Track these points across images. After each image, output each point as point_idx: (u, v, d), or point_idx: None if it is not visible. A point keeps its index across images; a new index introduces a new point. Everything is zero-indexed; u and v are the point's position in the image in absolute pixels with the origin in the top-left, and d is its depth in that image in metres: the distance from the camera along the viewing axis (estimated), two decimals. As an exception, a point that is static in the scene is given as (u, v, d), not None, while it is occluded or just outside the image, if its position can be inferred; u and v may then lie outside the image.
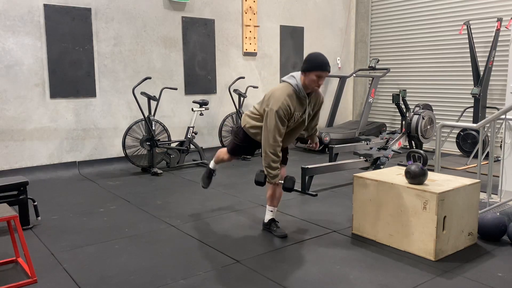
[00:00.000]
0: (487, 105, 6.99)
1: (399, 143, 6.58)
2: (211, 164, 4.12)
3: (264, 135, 3.36)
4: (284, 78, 3.44)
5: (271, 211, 3.74)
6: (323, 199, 4.76)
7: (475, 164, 6.34)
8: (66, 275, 2.97)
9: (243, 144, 3.69)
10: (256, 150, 3.82)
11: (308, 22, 8.44)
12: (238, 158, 3.94)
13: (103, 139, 6.28)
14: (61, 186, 5.36)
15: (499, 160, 4.94)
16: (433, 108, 7.66)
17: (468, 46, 7.07)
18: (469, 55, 7.04)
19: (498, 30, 6.68)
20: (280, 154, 3.41)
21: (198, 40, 7.01)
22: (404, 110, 7.39)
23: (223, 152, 3.91)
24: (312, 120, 3.72)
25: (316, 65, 3.26)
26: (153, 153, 5.99)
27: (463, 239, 3.37)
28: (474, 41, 6.95)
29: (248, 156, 6.88)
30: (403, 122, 7.13)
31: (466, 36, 7.15)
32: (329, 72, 3.32)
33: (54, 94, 5.81)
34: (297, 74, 3.39)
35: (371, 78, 8.23)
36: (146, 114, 6.02)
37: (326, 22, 8.74)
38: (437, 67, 7.87)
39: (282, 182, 3.49)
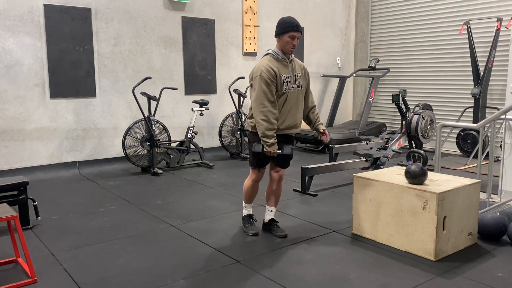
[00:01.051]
0: (487, 105, 6.99)
1: (399, 143, 6.58)
2: (243, 211, 3.83)
3: (253, 105, 3.35)
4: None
5: (271, 211, 3.74)
6: (323, 199, 4.76)
7: (475, 164, 6.34)
8: (66, 275, 2.97)
9: (258, 152, 3.42)
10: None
11: (308, 22, 8.44)
12: (263, 169, 3.64)
13: (103, 139, 6.28)
14: (61, 186, 5.36)
15: (499, 160, 4.94)
16: (433, 108, 7.66)
17: (468, 46, 7.07)
18: (469, 55, 7.04)
19: (498, 30, 6.68)
20: (274, 122, 3.30)
21: (198, 40, 7.01)
22: (404, 110, 7.38)
23: (247, 181, 3.67)
24: (306, 96, 3.62)
25: (287, 26, 3.32)
26: (153, 153, 5.99)
27: (463, 239, 3.37)
28: (474, 41, 6.95)
29: (248, 156, 6.87)
30: (403, 122, 7.13)
31: (466, 36, 7.15)
32: (301, 32, 3.36)
33: (54, 94, 5.81)
34: (272, 47, 3.48)
35: (371, 78, 8.23)
36: (146, 114, 6.02)
37: (326, 22, 8.74)
38: (437, 67, 7.87)
39: (280, 151, 3.37)
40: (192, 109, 6.49)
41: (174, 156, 6.26)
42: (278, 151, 3.36)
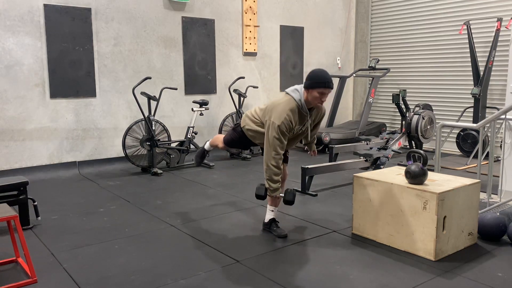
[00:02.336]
0: (487, 105, 6.99)
1: (399, 143, 6.58)
2: (206, 145, 4.14)
3: (265, 148, 3.41)
4: (287, 91, 3.45)
5: (272, 211, 3.74)
6: (323, 199, 4.76)
7: (475, 164, 6.34)
8: (66, 275, 2.97)
9: (239, 140, 3.75)
10: (250, 147, 3.90)
11: (308, 22, 8.44)
12: (230, 149, 4.00)
13: (103, 139, 6.28)
14: (61, 186, 5.36)
15: (499, 160, 4.94)
16: (433, 108, 7.66)
17: (468, 46, 7.07)
18: (469, 55, 7.04)
19: (498, 30, 6.68)
20: (282, 167, 3.47)
21: (198, 40, 7.01)
22: (404, 110, 7.38)
23: (219, 140, 3.95)
24: (312, 130, 3.76)
25: (319, 82, 3.29)
26: (153, 153, 5.99)
27: (463, 239, 3.37)
28: (474, 41, 6.95)
29: (248, 156, 6.89)
30: (403, 122, 7.13)
31: (466, 36, 7.15)
32: (332, 88, 3.35)
33: (54, 94, 5.81)
34: (301, 88, 3.41)
35: (371, 78, 8.23)
36: (146, 114, 6.02)
37: (326, 22, 8.74)
38: (437, 67, 7.87)
39: (283, 195, 3.55)
40: (192, 109, 6.49)
41: (174, 156, 6.26)
42: (281, 194, 3.54)
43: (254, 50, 7.66)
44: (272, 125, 3.34)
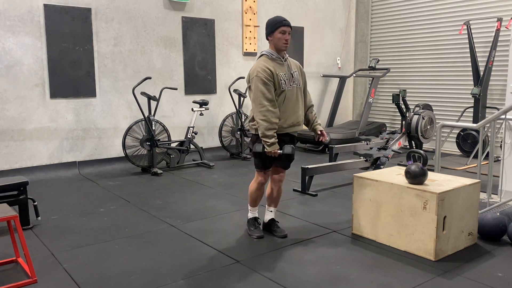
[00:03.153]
0: (487, 105, 6.99)
1: (399, 143, 6.58)
2: (248, 214, 3.76)
3: (252, 106, 3.37)
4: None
5: (271, 211, 3.73)
6: (323, 199, 4.76)
7: (475, 164, 6.34)
8: (66, 275, 2.97)
9: (263, 151, 3.37)
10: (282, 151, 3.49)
11: (308, 22, 8.44)
12: (268, 171, 3.58)
13: (103, 139, 6.28)
14: (61, 186, 5.36)
15: (499, 160, 4.94)
16: (433, 108, 7.66)
17: (468, 46, 7.07)
18: (469, 55, 7.04)
19: (498, 30, 6.68)
20: (275, 121, 3.29)
21: (198, 40, 7.01)
22: (404, 110, 7.38)
23: (252, 184, 3.63)
24: (304, 93, 3.60)
25: (277, 23, 3.36)
26: (153, 153, 5.99)
27: (463, 239, 3.37)
28: (474, 41, 6.95)
29: (248, 156, 6.87)
30: (403, 122, 7.13)
31: (466, 36, 7.15)
32: (290, 27, 3.39)
33: (54, 94, 5.81)
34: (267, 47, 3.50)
35: (371, 78, 8.23)
36: (146, 114, 6.02)
37: (326, 22, 8.74)
38: (437, 67, 7.87)
39: (281, 151, 3.33)
40: (192, 109, 6.49)
41: (174, 156, 6.26)
42: (279, 151, 3.33)
43: (254, 50, 7.66)
44: (251, 81, 3.34)
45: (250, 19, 7.53)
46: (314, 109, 3.71)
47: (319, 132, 3.62)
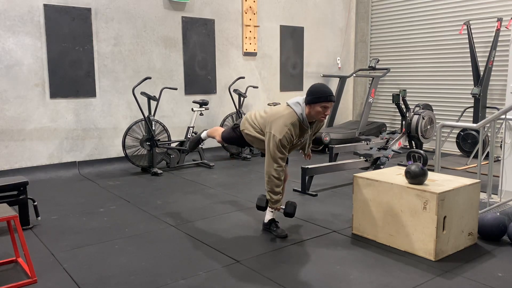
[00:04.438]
0: (487, 105, 6.99)
1: (399, 143, 6.58)
2: (203, 134, 4.12)
3: (267, 160, 3.44)
4: (289, 103, 3.43)
5: (271, 211, 3.73)
6: (323, 199, 4.76)
7: (475, 164, 6.34)
8: (66, 275, 2.97)
9: (236, 140, 3.77)
10: (246, 146, 3.87)
11: (308, 22, 8.44)
12: (226, 144, 4.05)
13: (103, 139, 6.28)
14: (61, 186, 5.36)
15: (499, 160, 4.94)
16: (433, 108, 7.66)
17: (468, 46, 7.07)
18: (469, 55, 7.04)
19: (498, 30, 6.68)
20: (283, 179, 3.51)
21: (198, 40, 7.01)
22: (404, 110, 7.38)
23: (217, 132, 3.95)
24: (309, 139, 3.76)
25: (321, 97, 3.30)
26: (153, 153, 5.99)
27: (463, 239, 3.37)
28: (474, 41, 6.95)
29: (248, 157, 6.89)
30: (403, 122, 7.13)
31: (466, 36, 7.15)
32: (334, 102, 3.36)
33: (54, 94, 5.81)
34: (302, 101, 3.40)
35: (371, 78, 8.23)
36: (146, 114, 6.02)
37: (326, 22, 8.74)
38: (437, 67, 7.87)
39: (284, 208, 3.62)
40: (192, 109, 6.49)
41: (174, 156, 6.26)
42: (282, 207, 3.62)
43: (254, 50, 7.66)
44: (273, 138, 3.35)
45: (250, 19, 7.53)
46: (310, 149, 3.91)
47: (306, 152, 3.83)
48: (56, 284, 2.84)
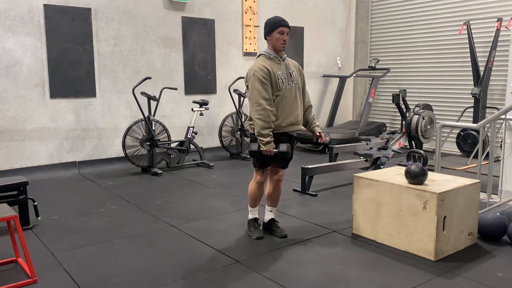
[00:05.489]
0: (487, 105, 6.99)
1: (399, 143, 6.57)
2: (249, 215, 3.75)
3: (249, 105, 3.39)
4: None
5: (271, 211, 3.73)
6: (323, 199, 4.76)
7: (475, 164, 6.34)
8: (66, 275, 2.97)
9: (258, 149, 3.36)
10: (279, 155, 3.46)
11: (308, 22, 8.44)
12: (266, 170, 3.59)
13: (103, 139, 6.28)
14: (61, 186, 5.36)
15: (499, 160, 4.93)
16: (433, 108, 7.66)
17: (468, 46, 7.07)
18: (469, 55, 7.04)
19: (498, 30, 6.68)
20: (271, 119, 3.28)
21: (198, 40, 7.01)
22: (404, 110, 7.38)
23: (251, 184, 3.63)
24: (302, 93, 3.60)
25: (275, 23, 3.37)
26: (153, 153, 5.99)
27: (463, 239, 3.37)
28: (474, 41, 6.95)
29: (248, 156, 6.88)
30: (403, 122, 7.13)
31: (466, 36, 7.15)
32: (289, 28, 3.40)
33: (54, 94, 5.81)
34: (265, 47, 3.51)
35: (371, 78, 8.22)
36: (146, 114, 6.02)
37: (326, 22, 8.74)
38: (437, 67, 7.87)
39: (276, 150, 3.32)
40: (192, 109, 6.49)
41: (174, 156, 6.25)
42: (274, 149, 3.32)
43: (254, 50, 7.66)
44: (248, 80, 3.35)
45: (250, 19, 7.53)
46: (313, 110, 3.70)
47: (318, 134, 3.62)
48: (56, 284, 2.84)
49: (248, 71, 3.40)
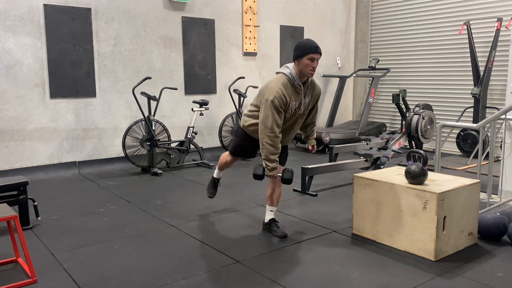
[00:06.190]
0: (487, 105, 6.99)
1: (399, 143, 6.57)
2: (215, 173, 4.10)
3: (260, 127, 3.32)
4: (278, 70, 3.42)
5: (271, 211, 3.74)
6: (323, 199, 4.76)
7: (475, 164, 6.34)
8: (66, 275, 2.97)
9: (243, 143, 3.65)
10: (257, 151, 3.67)
11: (308, 22, 8.44)
12: (240, 159, 3.91)
13: (103, 139, 6.28)
14: (61, 186, 5.36)
15: (499, 160, 4.94)
16: (433, 108, 7.66)
17: (468, 46, 7.07)
18: (469, 55, 7.04)
19: (498, 30, 6.68)
20: (279, 146, 3.36)
21: (198, 40, 7.01)
22: (404, 110, 7.38)
23: (224, 155, 3.91)
24: (310, 115, 3.67)
25: (307, 49, 3.23)
26: (153, 153, 5.99)
27: (463, 239, 3.37)
28: (474, 41, 6.95)
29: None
30: (403, 122, 7.13)
31: (466, 36, 7.15)
32: (320, 54, 3.29)
33: (54, 94, 5.81)
34: (291, 64, 3.37)
35: (371, 78, 8.23)
36: (146, 114, 6.02)
37: (326, 22, 8.74)
38: (437, 67, 7.87)
39: (281, 175, 3.44)
40: (192, 109, 6.49)
41: (174, 156, 6.25)
42: (278, 174, 3.45)
43: (254, 50, 7.66)
44: (265, 102, 3.26)
45: (250, 19, 7.53)
46: (314, 126, 3.82)
47: (311, 147, 3.83)
48: (56, 284, 2.84)
49: (267, 89, 3.30)
